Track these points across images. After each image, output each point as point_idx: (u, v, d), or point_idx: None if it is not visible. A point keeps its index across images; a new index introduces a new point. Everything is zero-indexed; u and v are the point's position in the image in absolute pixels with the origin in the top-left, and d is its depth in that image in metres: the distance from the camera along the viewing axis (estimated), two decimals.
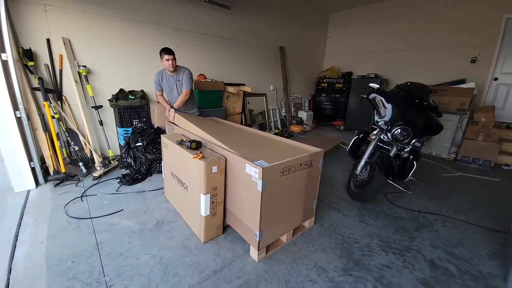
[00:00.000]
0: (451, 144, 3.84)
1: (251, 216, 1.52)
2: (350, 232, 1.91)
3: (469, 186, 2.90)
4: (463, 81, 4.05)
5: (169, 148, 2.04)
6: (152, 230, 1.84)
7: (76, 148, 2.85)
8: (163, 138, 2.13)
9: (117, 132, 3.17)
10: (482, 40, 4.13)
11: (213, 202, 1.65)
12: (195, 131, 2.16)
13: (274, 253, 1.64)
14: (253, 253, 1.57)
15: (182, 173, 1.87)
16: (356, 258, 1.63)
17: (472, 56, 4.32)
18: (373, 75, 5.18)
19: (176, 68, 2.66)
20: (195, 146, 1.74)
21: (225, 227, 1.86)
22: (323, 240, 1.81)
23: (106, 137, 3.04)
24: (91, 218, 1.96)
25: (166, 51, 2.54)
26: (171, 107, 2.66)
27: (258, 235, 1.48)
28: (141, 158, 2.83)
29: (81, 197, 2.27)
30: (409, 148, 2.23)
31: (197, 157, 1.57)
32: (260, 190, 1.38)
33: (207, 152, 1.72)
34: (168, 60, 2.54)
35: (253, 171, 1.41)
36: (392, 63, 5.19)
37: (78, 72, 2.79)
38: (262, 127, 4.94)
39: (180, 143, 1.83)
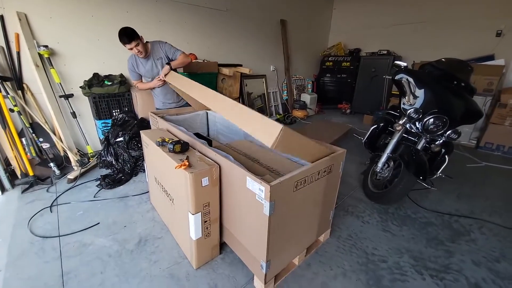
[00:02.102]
0: (472, 129, 3.45)
1: (255, 243, 1.16)
2: (373, 247, 1.58)
3: (498, 179, 2.57)
4: (491, 58, 3.56)
5: (150, 148, 1.64)
6: (132, 252, 1.49)
7: (47, 145, 2.45)
8: (143, 135, 1.72)
9: (95, 124, 2.74)
10: (508, 10, 3.58)
11: (205, 222, 1.29)
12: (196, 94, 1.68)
13: (284, 281, 1.32)
14: (258, 285, 1.24)
15: (166, 181, 1.49)
16: (386, 286, 1.31)
17: (497, 30, 3.80)
18: (385, 52, 4.64)
19: (147, 50, 2.11)
20: (180, 149, 1.34)
21: (223, 244, 1.52)
22: (343, 259, 1.48)
23: (82, 131, 2.61)
24: (59, 236, 1.61)
25: (125, 39, 1.91)
26: (167, 63, 2.10)
27: (264, 267, 1.14)
28: (123, 155, 2.44)
29: (50, 207, 1.91)
30: (441, 141, 1.85)
31: (181, 166, 1.18)
32: (268, 214, 1.01)
33: (196, 156, 1.32)
34: (131, 49, 1.98)
35: (257, 188, 1.02)
36: (406, 38, 4.62)
37: (39, 54, 2.29)
38: (261, 112, 4.48)
39: (161, 144, 1.43)
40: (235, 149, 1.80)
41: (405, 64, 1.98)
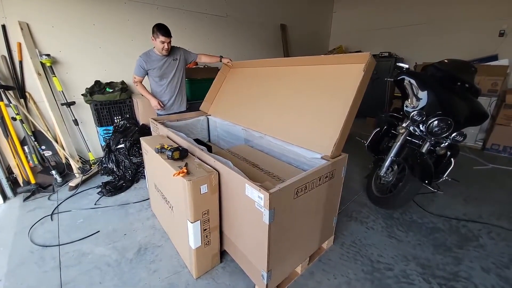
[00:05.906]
0: (478, 130, 3.39)
1: (256, 252, 1.13)
2: (378, 254, 1.54)
3: (506, 181, 2.50)
4: (495, 58, 3.52)
5: (149, 155, 1.63)
6: (132, 261, 1.47)
7: (49, 153, 2.46)
8: (142, 142, 1.71)
9: (97, 131, 2.75)
10: (511, 10, 3.55)
11: (205, 230, 1.27)
12: None
13: None
14: None
15: (165, 188, 1.47)
16: None
17: (500, 29, 3.76)
18: (386, 54, 4.61)
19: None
20: (178, 156, 1.33)
21: (223, 252, 1.49)
22: (347, 267, 1.43)
23: (84, 138, 2.62)
24: (58, 245, 1.60)
25: (164, 31, 2.00)
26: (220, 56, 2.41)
27: (265, 277, 1.10)
28: (124, 162, 2.43)
29: (51, 215, 1.90)
30: (446, 143, 1.80)
31: (179, 173, 1.16)
32: (267, 223, 0.98)
33: (195, 163, 1.31)
34: (163, 43, 2.02)
35: (256, 196, 1.00)
36: (408, 39, 4.60)
37: (41, 63, 2.33)
38: None
39: (160, 151, 1.42)
40: (235, 154, 1.78)
41: (407, 66, 1.94)
